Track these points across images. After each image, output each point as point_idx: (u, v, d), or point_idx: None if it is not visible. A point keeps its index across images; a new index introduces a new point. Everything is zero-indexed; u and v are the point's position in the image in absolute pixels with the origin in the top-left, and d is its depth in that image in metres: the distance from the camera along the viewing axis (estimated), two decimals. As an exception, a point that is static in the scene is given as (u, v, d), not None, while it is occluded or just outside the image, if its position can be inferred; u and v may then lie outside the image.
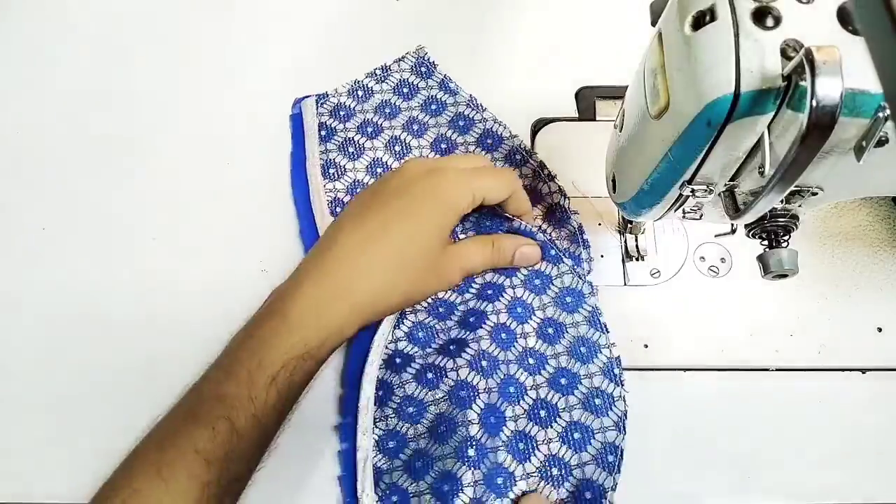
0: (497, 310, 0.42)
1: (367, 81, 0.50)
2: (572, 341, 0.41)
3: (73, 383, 0.42)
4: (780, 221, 0.33)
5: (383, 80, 0.50)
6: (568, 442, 0.39)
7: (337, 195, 0.46)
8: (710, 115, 0.25)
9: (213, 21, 0.54)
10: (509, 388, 0.40)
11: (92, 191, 0.48)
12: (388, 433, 0.40)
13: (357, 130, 0.48)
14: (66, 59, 0.52)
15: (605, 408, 0.39)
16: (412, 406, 0.40)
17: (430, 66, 0.51)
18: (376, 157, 0.48)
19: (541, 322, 0.42)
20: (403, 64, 0.51)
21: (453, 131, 0.48)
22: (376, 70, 0.50)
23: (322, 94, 0.50)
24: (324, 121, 0.49)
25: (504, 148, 0.48)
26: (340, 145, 0.48)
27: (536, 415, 0.40)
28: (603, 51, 0.51)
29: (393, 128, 0.49)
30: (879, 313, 0.43)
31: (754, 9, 0.25)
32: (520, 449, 0.39)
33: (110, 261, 0.46)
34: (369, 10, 0.54)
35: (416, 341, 0.42)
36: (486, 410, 0.39)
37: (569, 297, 0.42)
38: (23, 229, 0.47)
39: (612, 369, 0.40)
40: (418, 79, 0.50)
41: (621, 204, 0.37)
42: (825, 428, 0.41)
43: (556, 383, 0.40)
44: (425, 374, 0.41)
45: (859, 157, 0.25)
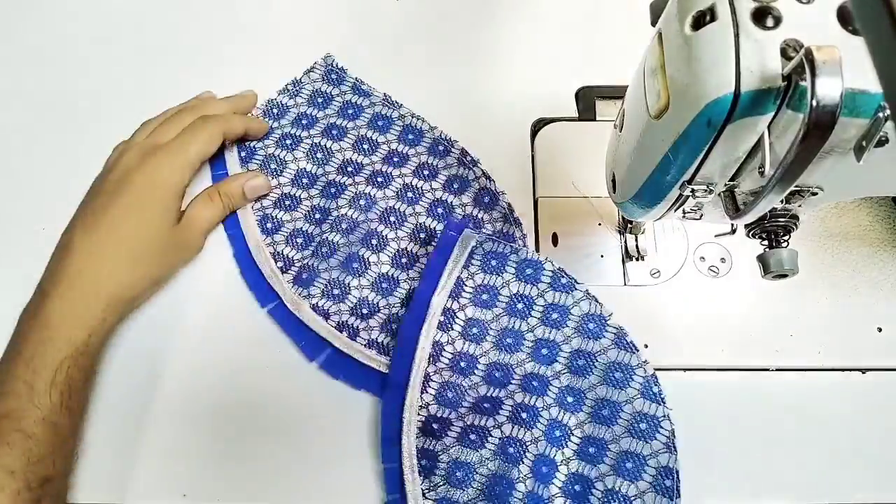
0: (521, 361, 0.41)
1: (281, 98, 0.50)
2: (605, 369, 0.40)
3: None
4: (780, 221, 0.33)
5: (296, 95, 0.50)
6: (622, 474, 0.38)
7: (265, 212, 0.46)
8: (710, 115, 0.25)
9: (213, 21, 0.54)
10: (555, 433, 0.39)
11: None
12: (441, 501, 0.39)
13: (276, 146, 0.48)
14: (67, 60, 0.52)
15: (652, 431, 0.39)
16: (460, 470, 0.39)
17: (340, 72, 0.50)
18: (299, 168, 0.47)
19: (569, 356, 0.41)
20: (314, 74, 0.50)
21: (373, 131, 0.48)
22: (287, 86, 0.50)
23: (242, 142, 0.49)
24: (255, 151, 0.48)
25: (426, 141, 0.48)
26: (262, 163, 0.48)
27: (586, 452, 0.39)
28: (603, 51, 0.51)
29: (312, 136, 0.48)
30: (879, 313, 0.43)
31: (754, 9, 0.25)
32: (576, 491, 0.38)
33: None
34: (369, 10, 0.54)
35: (446, 403, 0.41)
36: (536, 461, 0.39)
37: (591, 323, 0.41)
38: (23, 229, 0.47)
39: (650, 389, 0.39)
40: (330, 86, 0.50)
41: (621, 204, 0.37)
42: (825, 428, 0.41)
43: (598, 416, 0.39)
44: (468, 436, 0.40)
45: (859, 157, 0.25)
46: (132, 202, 0.41)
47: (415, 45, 0.53)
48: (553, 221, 0.46)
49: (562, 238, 0.46)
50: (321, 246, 0.45)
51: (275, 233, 0.46)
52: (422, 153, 0.47)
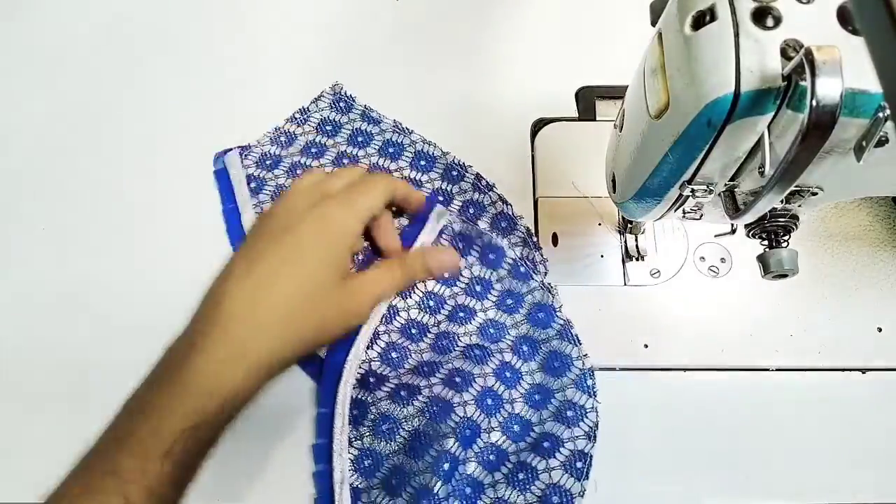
0: (469, 331, 0.42)
1: (288, 126, 0.49)
2: (546, 356, 0.41)
3: (73, 383, 0.42)
4: (780, 221, 0.33)
5: (304, 123, 0.49)
6: (537, 451, 0.39)
7: None
8: (710, 115, 0.25)
9: (211, 22, 0.54)
10: (487, 400, 0.40)
11: (92, 191, 0.48)
12: (364, 452, 0.40)
13: (287, 175, 0.47)
14: (67, 61, 0.52)
15: (577, 419, 0.40)
16: (386, 423, 0.40)
17: (348, 100, 0.50)
18: None
19: (515, 340, 0.42)
20: (321, 103, 0.50)
21: (384, 159, 0.48)
22: (295, 114, 0.49)
23: (244, 147, 0.48)
24: (251, 172, 0.47)
25: (439, 166, 0.47)
26: (273, 194, 0.47)
27: (510, 428, 0.40)
28: (603, 51, 0.51)
29: (323, 165, 0.48)
30: (879, 313, 0.43)
31: (754, 9, 0.25)
32: (490, 461, 0.39)
33: (110, 261, 0.46)
34: (369, 11, 0.54)
35: (388, 362, 0.42)
36: (461, 423, 0.39)
37: (541, 312, 0.42)
38: (23, 229, 0.47)
39: (584, 381, 0.40)
40: (339, 115, 0.49)
41: (621, 204, 0.37)
42: (825, 428, 0.41)
43: (530, 399, 0.41)
44: (399, 392, 0.41)
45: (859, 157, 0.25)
46: (296, 250, 0.36)
47: (415, 45, 0.53)
48: (553, 221, 0.46)
49: (562, 238, 0.46)
50: None
51: None
52: (435, 179, 0.47)
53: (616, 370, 0.42)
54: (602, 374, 0.42)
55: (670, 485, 0.40)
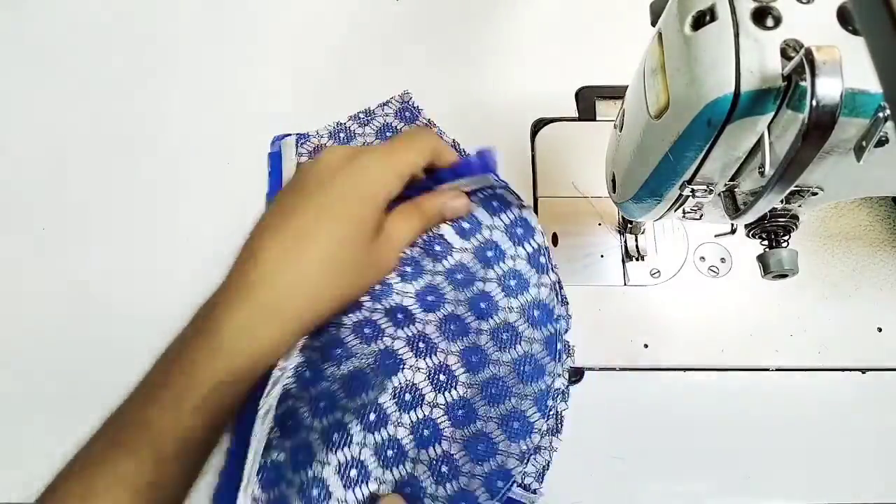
0: (456, 300, 0.40)
1: (350, 124, 0.49)
2: (521, 356, 0.39)
3: (73, 383, 0.42)
4: (780, 221, 0.33)
5: (366, 124, 0.49)
6: (468, 448, 0.38)
7: None
8: (710, 115, 0.25)
9: (212, 22, 0.54)
10: (439, 376, 0.39)
11: (92, 191, 0.48)
12: (308, 364, 0.38)
13: None
14: (67, 60, 0.52)
15: (521, 434, 0.38)
16: (339, 348, 0.38)
17: (414, 110, 0.50)
18: None
19: (498, 325, 0.40)
20: (387, 108, 0.50)
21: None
22: (359, 113, 0.49)
23: (303, 135, 0.48)
24: (303, 161, 0.47)
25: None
26: None
27: (454, 412, 0.38)
28: (603, 51, 0.51)
29: None
30: (879, 313, 0.43)
31: (754, 9, 0.25)
32: (424, 435, 0.38)
33: (110, 261, 0.46)
34: (369, 11, 0.54)
35: (371, 293, 0.39)
36: (404, 387, 0.38)
37: (537, 310, 0.40)
38: (23, 229, 0.47)
39: (545, 400, 0.38)
40: (402, 123, 0.49)
41: (621, 204, 0.37)
42: (825, 428, 0.41)
43: (486, 392, 0.39)
44: (363, 328, 0.39)
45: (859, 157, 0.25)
46: (331, 205, 0.35)
47: (415, 45, 0.53)
48: (553, 221, 0.46)
49: (562, 238, 0.46)
50: None
51: None
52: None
53: (616, 370, 0.42)
54: (602, 374, 0.42)
55: (670, 485, 0.40)
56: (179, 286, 0.45)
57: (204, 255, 0.46)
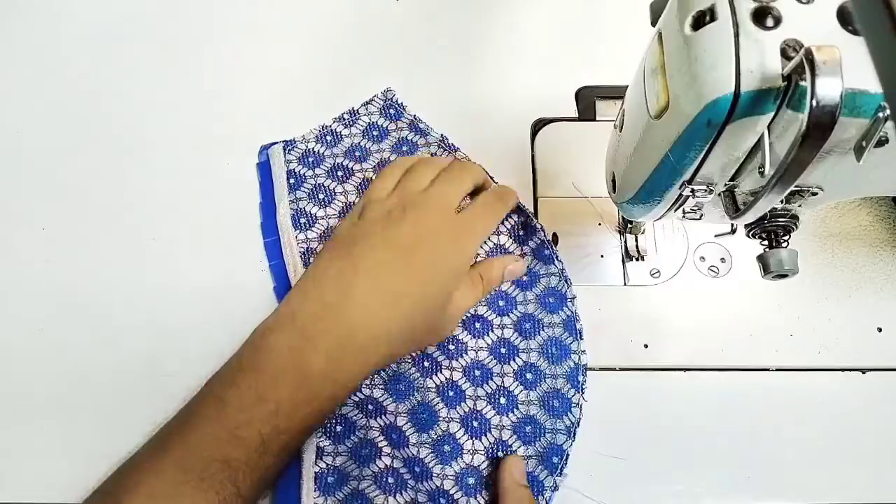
0: (478, 301, 0.43)
1: (336, 126, 0.49)
2: (546, 340, 0.42)
3: (73, 383, 0.42)
4: (780, 221, 0.33)
5: (352, 125, 0.49)
6: (519, 433, 0.40)
7: (310, 245, 0.45)
8: (710, 115, 0.25)
9: (212, 22, 0.54)
10: (475, 371, 0.41)
11: (92, 191, 0.48)
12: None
13: (327, 175, 0.47)
14: (66, 60, 0.52)
15: (562, 411, 0.40)
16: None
17: (398, 107, 0.50)
18: (348, 202, 0.46)
19: (520, 317, 0.43)
20: (371, 107, 0.50)
21: None
22: (344, 115, 0.49)
23: (289, 141, 0.48)
24: (292, 168, 0.47)
25: None
26: (310, 192, 0.46)
27: (496, 400, 0.41)
28: (603, 51, 0.51)
29: (364, 170, 0.47)
30: (879, 313, 0.43)
31: (754, 9, 0.25)
32: (474, 426, 0.40)
33: (110, 261, 0.46)
34: (369, 11, 0.54)
35: None
36: (445, 384, 0.41)
37: (552, 297, 0.43)
38: (23, 229, 0.47)
39: (577, 375, 0.41)
40: (387, 121, 0.49)
41: (621, 204, 0.37)
42: (825, 428, 0.41)
43: (521, 376, 0.41)
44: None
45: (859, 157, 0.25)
46: (428, 270, 0.38)
47: (415, 45, 0.53)
48: (553, 221, 0.46)
49: (562, 238, 0.46)
50: None
51: None
52: None
53: (616, 370, 0.42)
54: (602, 374, 0.42)
55: (670, 485, 0.40)
56: (179, 286, 0.45)
57: (204, 255, 0.46)
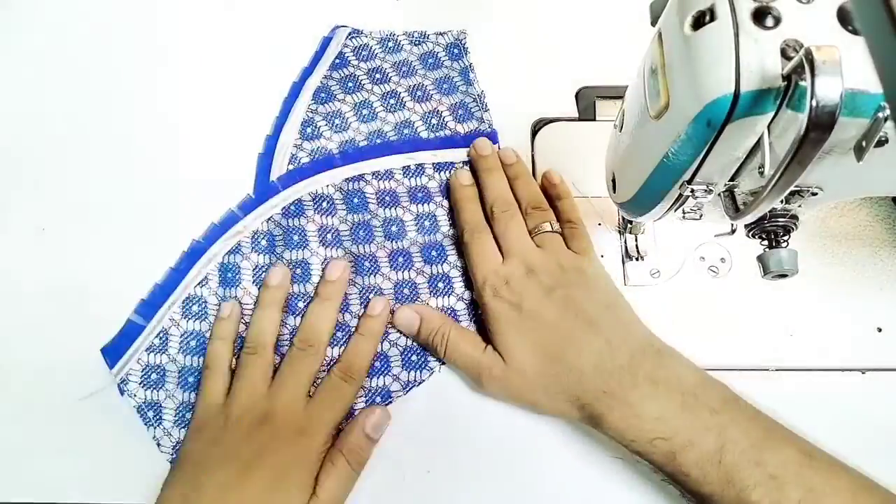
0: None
1: (402, 38, 0.52)
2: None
3: (73, 384, 0.42)
4: (780, 221, 0.33)
5: (416, 44, 0.52)
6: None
7: (315, 119, 0.49)
8: (710, 115, 0.25)
9: (212, 21, 0.54)
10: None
11: (91, 191, 0.48)
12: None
13: (367, 73, 0.51)
14: (66, 60, 0.52)
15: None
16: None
17: (462, 49, 0.52)
18: (367, 100, 0.49)
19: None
20: (441, 39, 0.52)
21: (450, 115, 0.50)
22: (414, 33, 0.52)
23: (356, 30, 0.52)
24: (344, 51, 0.51)
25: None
26: (344, 77, 0.50)
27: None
28: (603, 51, 0.51)
29: (399, 84, 0.50)
30: (879, 313, 0.43)
31: (754, 9, 0.25)
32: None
33: (110, 261, 0.46)
34: (369, 11, 0.54)
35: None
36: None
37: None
38: (23, 229, 0.47)
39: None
40: (447, 57, 0.52)
41: (621, 204, 0.37)
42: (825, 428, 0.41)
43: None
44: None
45: (859, 157, 0.25)
46: (272, 477, 0.36)
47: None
48: (553, 221, 0.46)
49: (562, 238, 0.46)
50: None
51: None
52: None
53: (616, 370, 0.42)
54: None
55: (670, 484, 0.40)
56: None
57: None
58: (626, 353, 0.38)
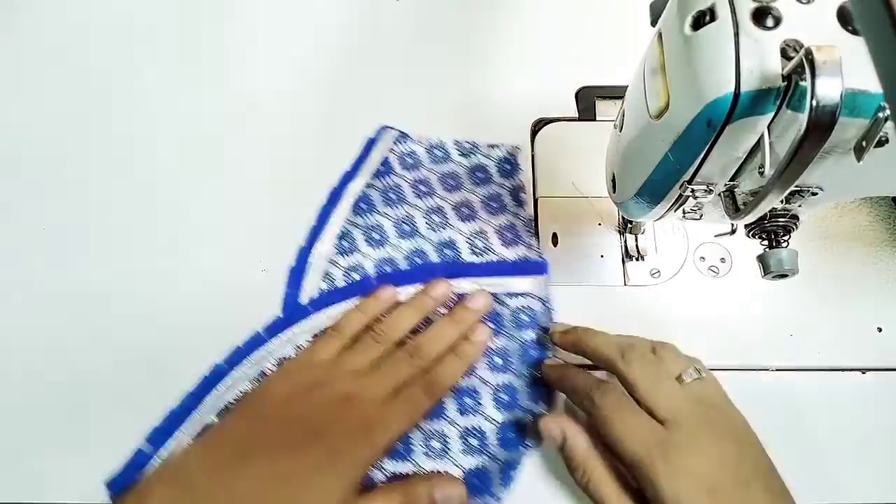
0: None
1: (451, 148, 0.49)
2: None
3: (73, 383, 0.42)
4: (780, 221, 0.33)
5: (465, 155, 0.49)
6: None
7: (353, 232, 0.46)
8: (710, 115, 0.25)
9: (213, 21, 0.54)
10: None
11: (92, 191, 0.48)
12: None
13: (412, 184, 0.48)
14: (66, 60, 0.52)
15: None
16: None
17: (514, 166, 0.48)
18: (410, 215, 0.47)
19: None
20: (493, 152, 0.49)
21: (497, 237, 0.46)
22: (465, 142, 0.49)
23: (404, 134, 0.49)
24: (389, 157, 0.48)
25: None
26: (387, 188, 0.47)
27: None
28: (603, 51, 0.51)
29: (445, 199, 0.47)
30: (879, 313, 0.43)
31: (754, 9, 0.25)
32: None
33: (110, 261, 0.46)
34: (369, 11, 0.54)
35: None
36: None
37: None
38: (23, 229, 0.47)
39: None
40: (498, 173, 0.48)
41: (621, 204, 0.37)
42: (825, 428, 0.41)
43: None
44: None
45: (859, 157, 0.25)
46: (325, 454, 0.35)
47: (415, 45, 0.53)
48: (553, 221, 0.46)
49: (562, 238, 0.46)
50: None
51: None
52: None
53: (616, 370, 0.42)
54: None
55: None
56: (180, 286, 0.45)
57: (204, 254, 0.46)
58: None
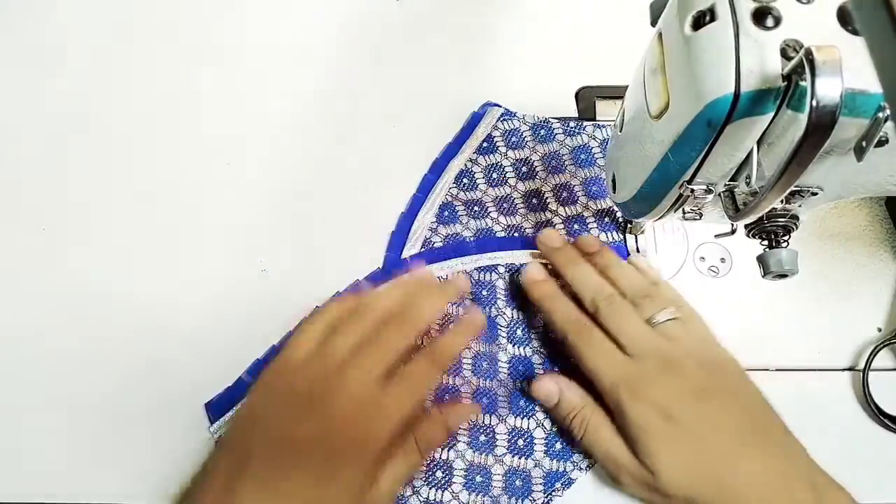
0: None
1: (556, 127, 0.48)
2: None
3: (72, 384, 0.42)
4: (780, 221, 0.33)
5: (570, 135, 0.48)
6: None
7: (455, 204, 0.46)
8: (710, 115, 0.25)
9: (215, 20, 0.54)
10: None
11: (91, 191, 0.48)
12: None
13: (514, 164, 0.47)
14: (67, 59, 0.52)
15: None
16: None
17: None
18: (509, 195, 0.46)
19: None
20: (598, 132, 0.48)
21: (594, 221, 0.46)
22: (570, 121, 0.48)
23: (508, 111, 0.49)
24: (494, 134, 0.48)
25: None
26: (490, 166, 0.47)
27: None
28: (603, 51, 0.51)
29: (546, 181, 0.47)
30: (879, 313, 0.43)
31: (754, 9, 0.25)
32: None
33: (110, 261, 0.46)
34: (369, 11, 0.54)
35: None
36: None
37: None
38: (23, 229, 0.47)
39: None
40: (601, 154, 0.48)
41: (621, 204, 0.37)
42: (825, 428, 0.41)
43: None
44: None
45: (859, 157, 0.25)
46: (329, 463, 0.33)
47: (415, 45, 0.53)
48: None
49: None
50: None
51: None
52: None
53: (616, 370, 0.42)
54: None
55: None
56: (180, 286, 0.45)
57: (204, 254, 0.46)
58: (784, 483, 0.34)
